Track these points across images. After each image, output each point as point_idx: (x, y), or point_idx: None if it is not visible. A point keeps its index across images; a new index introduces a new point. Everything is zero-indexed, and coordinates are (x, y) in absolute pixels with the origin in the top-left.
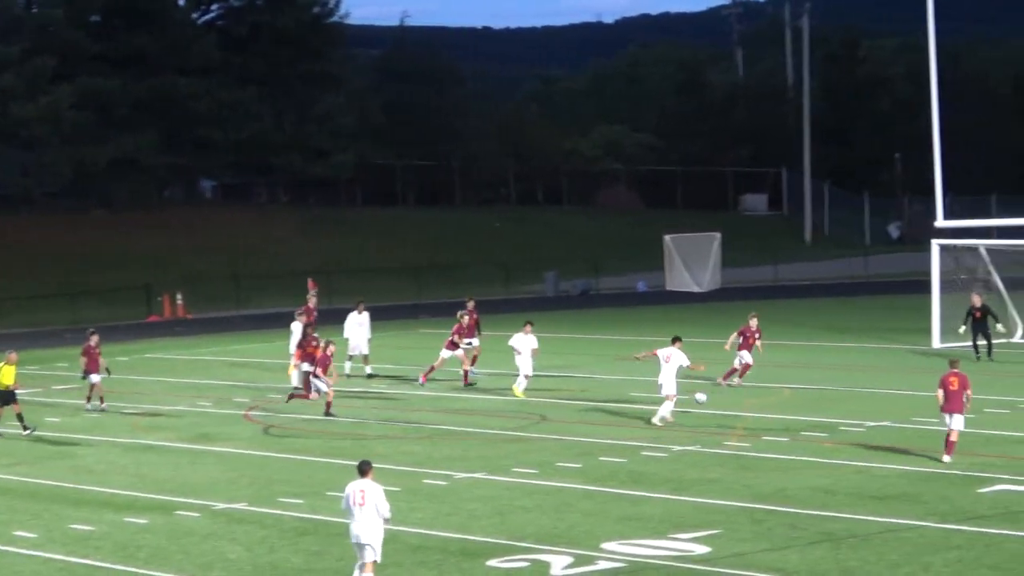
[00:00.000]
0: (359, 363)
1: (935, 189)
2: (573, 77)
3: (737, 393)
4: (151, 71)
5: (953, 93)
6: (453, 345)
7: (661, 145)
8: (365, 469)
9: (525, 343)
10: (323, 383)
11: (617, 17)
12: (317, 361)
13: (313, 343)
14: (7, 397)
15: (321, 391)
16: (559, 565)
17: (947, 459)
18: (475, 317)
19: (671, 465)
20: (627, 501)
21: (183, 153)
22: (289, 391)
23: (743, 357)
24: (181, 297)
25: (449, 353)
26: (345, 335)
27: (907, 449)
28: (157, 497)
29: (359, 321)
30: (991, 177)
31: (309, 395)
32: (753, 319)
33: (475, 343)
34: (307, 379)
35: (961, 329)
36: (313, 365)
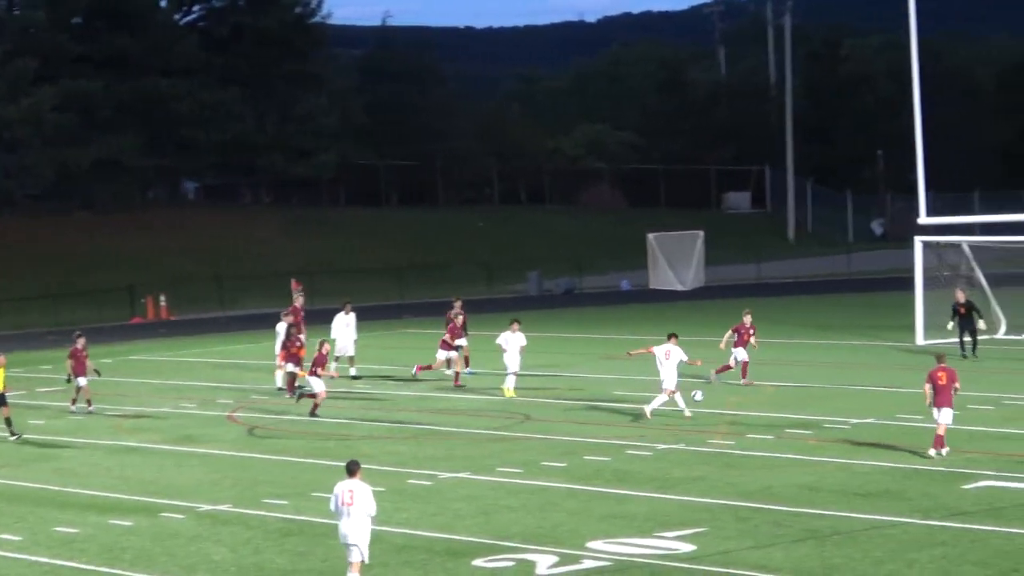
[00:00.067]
0: (344, 364)
1: (918, 186)
2: (555, 76)
3: (721, 391)
4: (133, 72)
5: (935, 90)
6: (447, 345)
7: (644, 144)
8: (353, 469)
9: (513, 341)
10: (319, 382)
11: (599, 16)
12: (314, 360)
13: (297, 343)
14: None
15: (318, 390)
16: (544, 564)
17: (932, 453)
18: (464, 317)
19: (656, 463)
20: (612, 500)
21: (166, 154)
22: (274, 391)
23: (737, 355)
24: (164, 299)
25: (446, 354)
26: (332, 336)
27: (891, 446)
28: (142, 499)
29: (346, 322)
30: (973, 174)
31: (318, 395)
32: (747, 316)
33: (463, 343)
34: (291, 379)
35: (949, 326)
36: (297, 365)
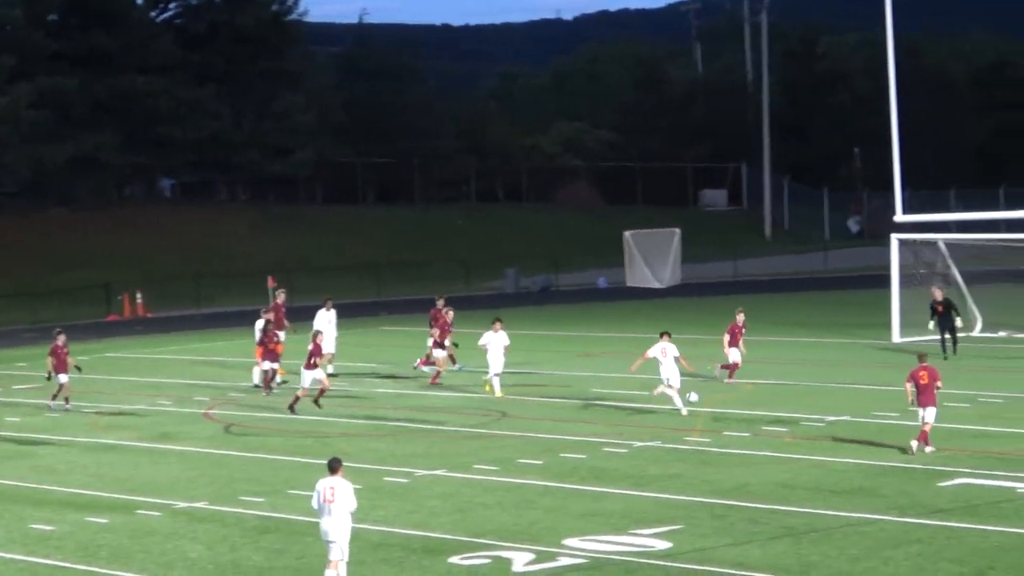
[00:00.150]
0: (325, 362)
1: (894, 184)
2: (533, 74)
3: (703, 389)
4: (110, 70)
5: (911, 88)
6: (439, 345)
7: (621, 141)
8: (335, 466)
9: (495, 341)
10: (312, 376)
11: (576, 13)
12: (310, 352)
13: (274, 339)
14: None
15: (305, 385)
16: (520, 562)
17: (914, 445)
18: (452, 315)
19: (632, 461)
20: (588, 497)
21: (142, 152)
22: (251, 388)
23: (731, 355)
24: (141, 296)
25: (443, 353)
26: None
27: (867, 443)
28: (118, 496)
29: (328, 319)
30: (950, 171)
31: (299, 391)
32: (740, 314)
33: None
34: (268, 377)
35: (930, 325)
36: (275, 362)
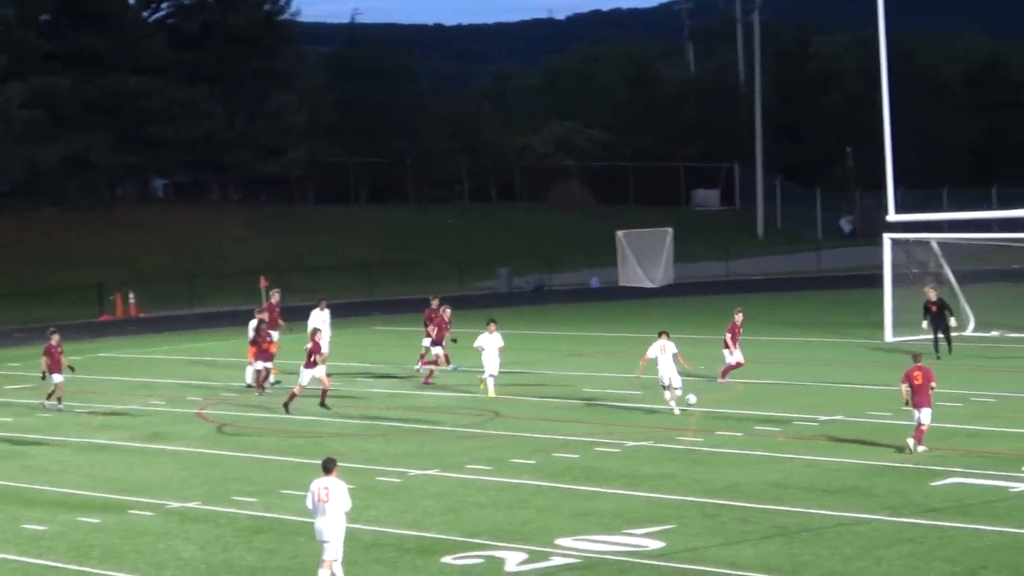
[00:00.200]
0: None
1: (886, 183)
2: (525, 73)
3: (701, 389)
4: (102, 70)
5: (904, 88)
6: (437, 343)
7: (613, 141)
8: (330, 466)
9: (490, 342)
10: (311, 374)
11: (569, 13)
12: (309, 351)
13: (267, 339)
14: None
15: (303, 383)
16: (513, 561)
17: (911, 442)
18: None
19: (624, 461)
20: (581, 497)
21: (135, 152)
22: (243, 388)
23: (727, 355)
24: (133, 296)
25: (440, 351)
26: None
27: (860, 443)
28: (110, 496)
29: (321, 318)
30: (942, 171)
31: (295, 388)
32: (738, 314)
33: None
34: (263, 376)
35: (924, 324)
36: (268, 362)
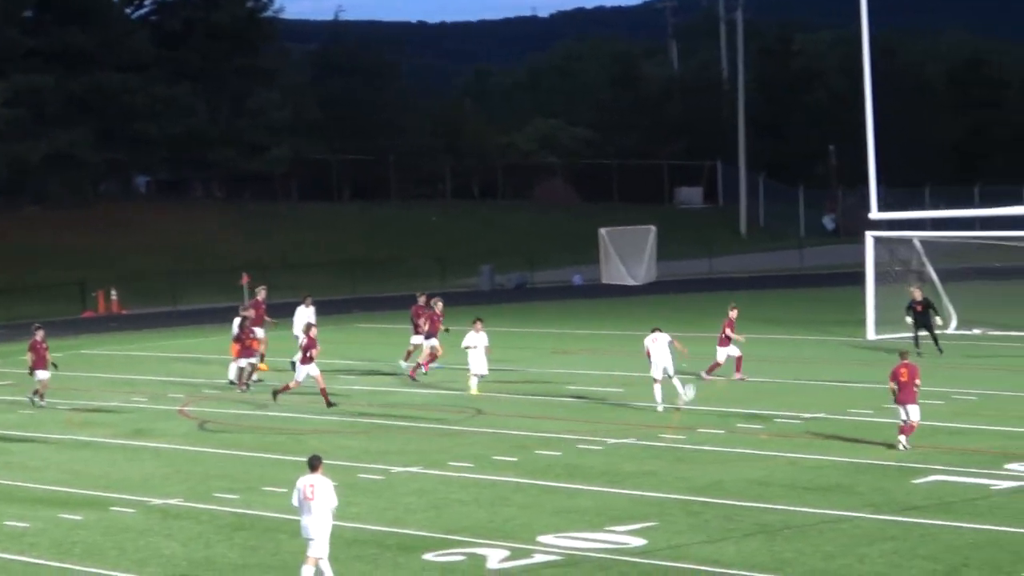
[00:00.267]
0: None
1: (869, 181)
2: (508, 71)
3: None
4: (85, 67)
5: (887, 86)
6: (430, 336)
7: (597, 139)
8: (315, 464)
9: (479, 341)
10: (307, 370)
11: (552, 11)
12: (304, 346)
13: (251, 336)
14: None
15: (298, 379)
16: (495, 558)
17: (903, 440)
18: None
19: (607, 458)
20: (563, 494)
21: (118, 149)
22: (226, 385)
23: (719, 353)
24: (116, 293)
25: (435, 343)
26: (296, 332)
27: (842, 440)
28: (92, 493)
29: (307, 315)
30: (925, 169)
31: (291, 383)
32: (733, 311)
33: (421, 339)
34: (247, 373)
35: (908, 319)
36: (251, 358)
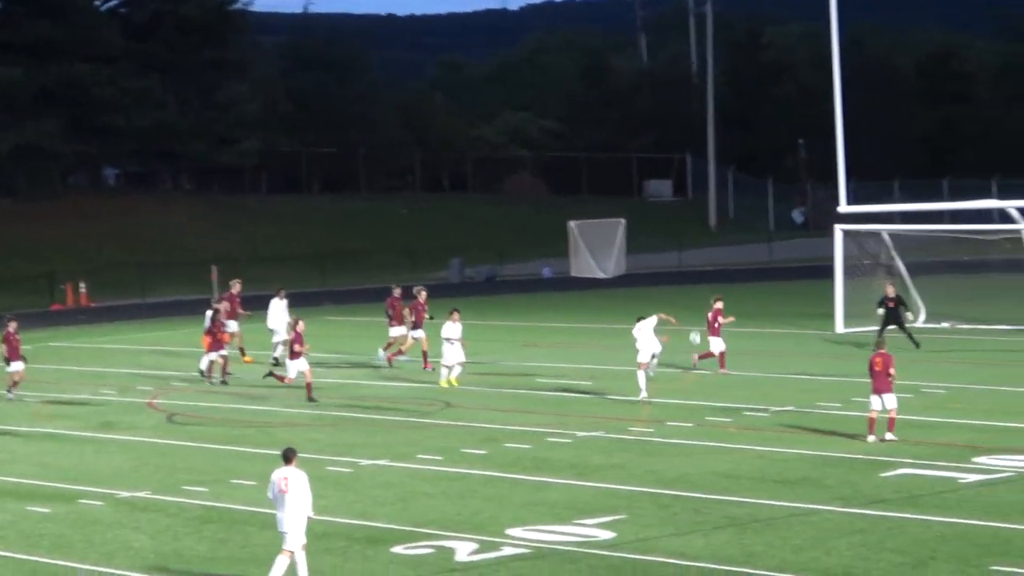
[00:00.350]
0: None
1: (838, 175)
2: (478, 64)
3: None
4: (54, 59)
5: (856, 79)
6: (415, 326)
7: (566, 131)
8: (290, 456)
9: (455, 332)
10: (296, 366)
11: (522, 4)
12: (292, 340)
13: (222, 329)
14: None
15: (291, 376)
16: (464, 551)
17: (889, 436)
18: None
19: (575, 451)
20: (531, 487)
21: (86, 141)
22: (195, 378)
23: (713, 344)
24: (84, 285)
25: (421, 334)
26: (270, 325)
27: (811, 432)
28: (60, 486)
29: (281, 307)
30: (894, 163)
31: (285, 379)
32: (718, 302)
33: (402, 331)
34: (211, 366)
35: (879, 312)
36: (221, 351)
